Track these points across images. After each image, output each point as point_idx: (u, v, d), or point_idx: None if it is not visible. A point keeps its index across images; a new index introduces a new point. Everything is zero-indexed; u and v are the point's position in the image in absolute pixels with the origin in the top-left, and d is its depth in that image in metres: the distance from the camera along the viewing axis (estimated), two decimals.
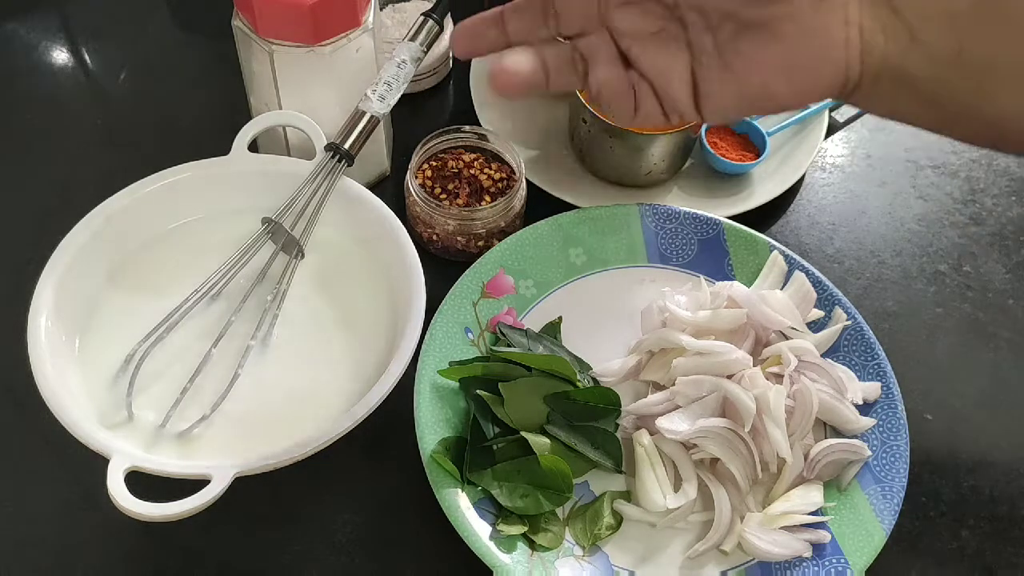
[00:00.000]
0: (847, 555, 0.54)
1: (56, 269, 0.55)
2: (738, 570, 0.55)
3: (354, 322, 0.59)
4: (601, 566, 0.55)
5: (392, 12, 0.77)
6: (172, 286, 0.58)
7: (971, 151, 0.79)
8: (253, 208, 0.60)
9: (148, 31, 0.83)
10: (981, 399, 0.64)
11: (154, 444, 0.53)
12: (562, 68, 0.42)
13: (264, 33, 0.60)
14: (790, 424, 0.57)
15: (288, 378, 0.57)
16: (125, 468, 0.48)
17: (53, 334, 0.54)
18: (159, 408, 0.54)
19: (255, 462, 0.50)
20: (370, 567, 0.56)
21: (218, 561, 0.56)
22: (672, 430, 0.57)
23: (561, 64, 0.42)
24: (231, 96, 0.72)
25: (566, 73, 0.42)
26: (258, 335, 0.57)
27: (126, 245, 0.60)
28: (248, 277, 0.59)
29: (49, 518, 0.57)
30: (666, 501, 0.56)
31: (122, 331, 0.56)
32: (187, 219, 0.62)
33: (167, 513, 0.47)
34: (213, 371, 0.55)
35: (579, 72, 0.42)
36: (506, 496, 0.55)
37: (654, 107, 0.43)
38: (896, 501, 0.56)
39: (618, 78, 0.42)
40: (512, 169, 0.68)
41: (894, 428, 0.58)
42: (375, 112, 0.62)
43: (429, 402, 0.57)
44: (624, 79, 0.42)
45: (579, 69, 0.42)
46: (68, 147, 0.74)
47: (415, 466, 0.56)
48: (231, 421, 0.54)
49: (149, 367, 0.54)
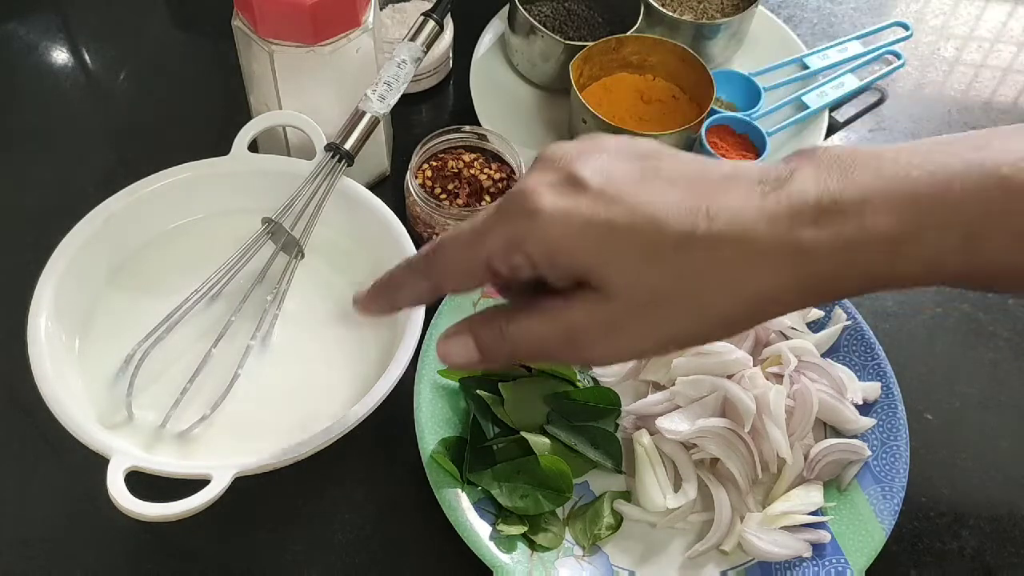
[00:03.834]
0: (847, 555, 0.54)
1: (56, 269, 0.55)
2: (738, 570, 0.55)
3: (354, 322, 0.59)
4: (601, 566, 0.55)
5: (392, 12, 0.77)
6: (172, 286, 0.58)
7: None
8: (253, 208, 0.60)
9: (148, 31, 0.83)
10: (981, 399, 0.64)
11: (154, 444, 0.53)
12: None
13: (264, 33, 0.60)
14: (790, 424, 0.57)
15: (288, 378, 0.57)
16: (125, 468, 0.48)
17: (53, 334, 0.54)
18: (159, 408, 0.54)
19: (255, 462, 0.50)
20: (370, 567, 0.56)
21: (217, 561, 0.56)
22: (672, 430, 0.57)
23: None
24: (231, 96, 0.72)
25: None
26: (258, 335, 0.57)
27: (126, 245, 0.60)
28: (248, 277, 0.59)
29: (49, 518, 0.57)
30: (666, 501, 0.56)
31: (122, 331, 0.56)
32: (187, 219, 0.62)
33: (167, 513, 0.47)
34: (213, 371, 0.55)
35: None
36: (506, 496, 0.55)
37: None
38: (896, 501, 0.56)
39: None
40: (512, 169, 0.68)
41: (894, 428, 0.58)
42: (375, 112, 0.62)
43: (429, 402, 0.57)
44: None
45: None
46: (68, 147, 0.74)
47: (415, 466, 0.56)
48: (231, 421, 0.54)
49: (149, 367, 0.54)
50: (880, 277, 0.37)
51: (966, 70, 0.86)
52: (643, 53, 0.74)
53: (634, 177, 0.39)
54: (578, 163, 0.39)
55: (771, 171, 0.38)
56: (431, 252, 0.43)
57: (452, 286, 0.43)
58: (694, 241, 0.37)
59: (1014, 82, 0.85)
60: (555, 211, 0.38)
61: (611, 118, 0.69)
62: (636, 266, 0.37)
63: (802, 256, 0.36)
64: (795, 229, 0.36)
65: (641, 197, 0.38)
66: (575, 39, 0.76)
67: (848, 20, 0.88)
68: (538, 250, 0.39)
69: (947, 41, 0.88)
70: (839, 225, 0.36)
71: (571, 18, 0.78)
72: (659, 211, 0.37)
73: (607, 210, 0.38)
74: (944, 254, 0.36)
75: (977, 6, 0.92)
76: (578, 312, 0.39)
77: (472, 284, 0.43)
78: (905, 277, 0.37)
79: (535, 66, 0.77)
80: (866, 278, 0.37)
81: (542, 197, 0.39)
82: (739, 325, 0.39)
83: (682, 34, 0.76)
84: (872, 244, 0.36)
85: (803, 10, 0.89)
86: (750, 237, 0.36)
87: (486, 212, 0.41)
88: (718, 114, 0.75)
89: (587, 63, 0.72)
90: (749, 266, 0.37)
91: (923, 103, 0.82)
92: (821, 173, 0.37)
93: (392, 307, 0.46)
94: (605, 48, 0.73)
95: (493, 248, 0.40)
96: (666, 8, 0.78)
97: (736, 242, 0.36)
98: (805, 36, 0.85)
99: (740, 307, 0.38)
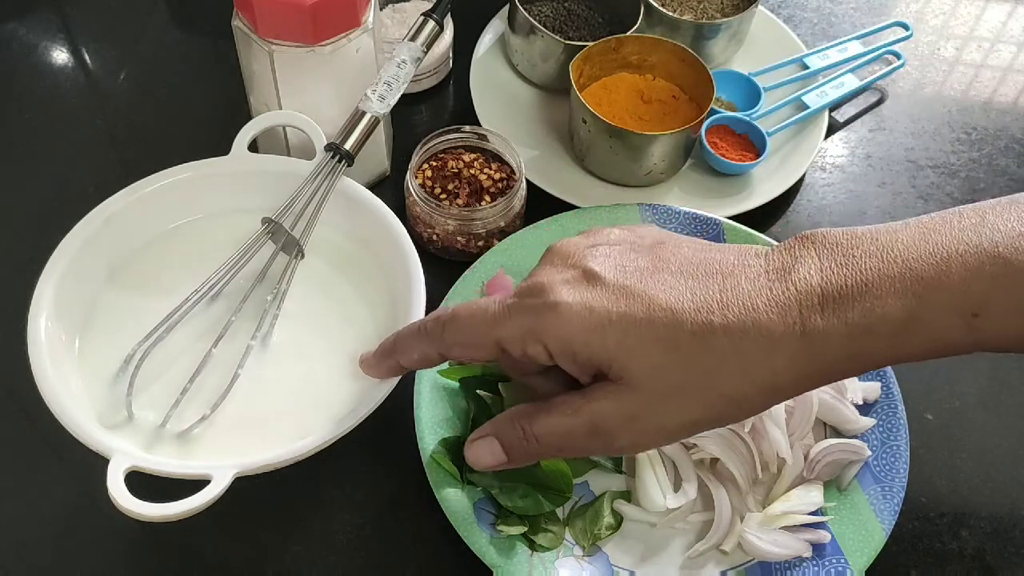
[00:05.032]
0: (847, 555, 0.54)
1: (56, 269, 0.55)
2: (738, 570, 0.55)
3: (354, 322, 0.59)
4: (601, 566, 0.55)
5: (392, 12, 0.77)
6: (172, 286, 0.58)
7: (971, 151, 0.79)
8: (253, 208, 0.60)
9: (148, 31, 0.83)
10: (981, 399, 0.64)
11: (154, 444, 0.53)
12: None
13: (264, 33, 0.60)
14: (790, 424, 0.57)
15: (288, 378, 0.56)
16: (125, 468, 0.48)
17: (53, 334, 0.54)
18: (159, 408, 0.54)
19: (256, 462, 0.50)
20: (370, 567, 0.56)
21: (217, 562, 0.56)
22: None
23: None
24: (231, 96, 0.72)
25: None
26: (258, 335, 0.57)
27: (126, 245, 0.60)
28: (248, 277, 0.59)
29: (48, 518, 0.57)
30: (666, 501, 0.56)
31: (122, 331, 0.56)
32: (187, 219, 0.62)
33: (167, 513, 0.47)
34: (213, 371, 0.55)
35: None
36: (506, 496, 0.55)
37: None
38: (896, 501, 0.56)
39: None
40: (512, 169, 0.68)
41: (894, 428, 0.58)
42: (375, 112, 0.62)
43: (429, 402, 0.57)
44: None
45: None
46: (68, 147, 0.74)
47: (415, 466, 0.56)
48: (231, 421, 0.54)
49: (149, 367, 0.54)
50: (888, 356, 0.38)
51: (966, 70, 0.86)
52: (643, 53, 0.74)
53: (647, 269, 0.40)
54: (590, 259, 0.41)
55: (775, 259, 0.40)
56: (445, 321, 0.44)
57: (459, 355, 0.45)
58: (711, 331, 0.38)
59: (1014, 82, 0.85)
60: (574, 305, 0.40)
61: (611, 118, 0.69)
62: (656, 356, 0.39)
63: (812, 343, 0.38)
64: (804, 317, 0.38)
65: (656, 289, 0.39)
66: (575, 39, 0.76)
67: (848, 20, 0.88)
68: (558, 343, 0.40)
69: (947, 41, 0.88)
70: (845, 312, 0.37)
71: (571, 18, 0.78)
72: (675, 303, 0.39)
73: (625, 304, 0.39)
74: (947, 331, 0.37)
75: (977, 6, 0.92)
76: (600, 404, 0.41)
77: (480, 357, 0.44)
78: (911, 355, 0.38)
79: (535, 66, 0.77)
80: (873, 359, 0.38)
81: (561, 292, 0.40)
82: (756, 409, 0.40)
83: (682, 34, 0.76)
84: (878, 327, 0.37)
85: (803, 10, 0.89)
86: (764, 326, 0.38)
87: (503, 298, 0.42)
88: (718, 114, 0.75)
89: (587, 63, 0.72)
90: (764, 354, 0.38)
91: (923, 103, 0.82)
92: (823, 260, 0.39)
93: (398, 369, 0.48)
94: (605, 48, 0.73)
95: (509, 335, 0.41)
96: (666, 8, 0.78)
97: (751, 331, 0.38)
98: (805, 36, 0.86)
99: (757, 393, 0.39)
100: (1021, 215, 0.38)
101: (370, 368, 0.49)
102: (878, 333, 0.37)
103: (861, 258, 0.38)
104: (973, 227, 0.38)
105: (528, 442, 0.43)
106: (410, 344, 0.47)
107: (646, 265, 0.41)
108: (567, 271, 0.42)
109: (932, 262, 0.37)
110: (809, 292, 0.38)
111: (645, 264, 0.41)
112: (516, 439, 0.43)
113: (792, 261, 0.39)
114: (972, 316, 0.37)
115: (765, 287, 0.38)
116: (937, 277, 0.37)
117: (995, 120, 0.81)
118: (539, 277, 0.42)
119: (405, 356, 0.47)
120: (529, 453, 0.44)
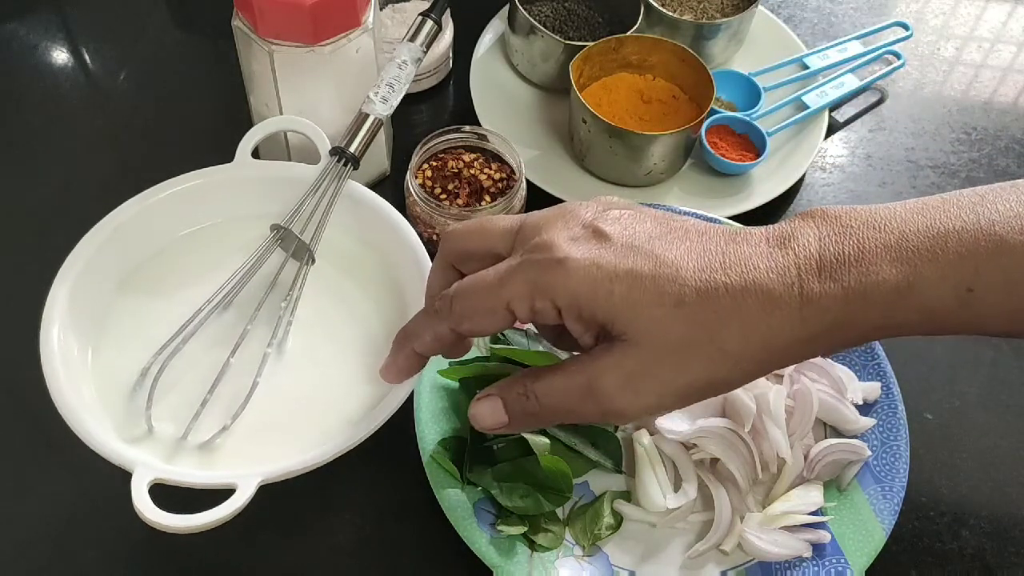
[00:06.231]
0: (847, 555, 0.54)
1: (66, 281, 0.54)
2: (738, 570, 0.55)
3: (365, 324, 0.58)
4: (601, 566, 0.55)
5: (392, 12, 0.77)
6: (183, 295, 0.57)
7: (971, 151, 0.79)
8: (260, 214, 0.60)
9: (148, 31, 0.83)
10: (981, 399, 0.64)
11: (173, 455, 0.52)
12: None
13: (264, 33, 0.60)
14: (790, 424, 0.57)
15: (304, 384, 0.56)
16: (149, 481, 0.47)
17: (65, 346, 0.53)
18: (177, 419, 0.53)
19: (280, 469, 0.49)
20: (371, 567, 0.56)
21: (219, 565, 0.56)
22: (672, 430, 0.57)
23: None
24: (231, 96, 0.72)
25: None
26: (274, 342, 0.56)
27: (135, 254, 0.59)
28: (260, 285, 0.58)
29: (48, 520, 0.57)
30: (666, 501, 0.56)
31: (135, 342, 0.55)
32: (196, 227, 0.61)
33: (194, 524, 0.46)
34: (229, 380, 0.54)
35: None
36: (506, 496, 0.55)
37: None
38: (896, 501, 0.56)
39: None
40: (512, 169, 0.68)
41: (894, 428, 0.59)
42: (378, 114, 0.62)
43: (429, 402, 0.57)
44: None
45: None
46: (68, 148, 0.74)
47: (415, 466, 0.56)
48: (248, 429, 0.53)
49: (165, 378, 0.53)
50: (882, 326, 0.39)
51: (966, 70, 0.86)
52: (643, 53, 0.74)
53: (654, 233, 0.41)
54: (599, 219, 0.42)
55: (775, 230, 0.41)
56: (452, 295, 0.44)
57: (470, 326, 0.44)
58: (715, 288, 0.39)
59: (1014, 82, 0.85)
60: (582, 260, 0.40)
61: (611, 118, 0.69)
62: (660, 311, 0.39)
63: (810, 307, 0.38)
64: (802, 281, 0.39)
65: (662, 249, 0.40)
66: (575, 39, 0.76)
67: (848, 20, 0.88)
68: (564, 298, 0.41)
69: (947, 41, 0.88)
70: (841, 276, 0.38)
71: (571, 18, 0.78)
72: (680, 261, 0.40)
73: (632, 261, 0.40)
74: (940, 302, 0.38)
75: (977, 6, 0.92)
76: (600, 362, 0.41)
77: (491, 325, 0.44)
78: (904, 325, 0.39)
79: (535, 66, 0.77)
80: (869, 326, 0.39)
81: (568, 248, 0.41)
82: (753, 373, 0.41)
83: (682, 34, 0.76)
84: (872, 293, 0.38)
85: (803, 10, 0.89)
86: (764, 285, 0.39)
87: (508, 261, 0.43)
88: (718, 114, 0.75)
89: (587, 63, 0.72)
90: (766, 314, 0.39)
91: (923, 103, 0.83)
92: (822, 230, 0.40)
93: (415, 359, 0.47)
94: (605, 48, 0.73)
95: (516, 292, 0.42)
96: (666, 8, 0.78)
97: (752, 289, 0.39)
98: (805, 36, 0.86)
99: (756, 353, 0.40)
100: (1020, 197, 0.39)
101: (388, 368, 0.49)
102: (872, 300, 0.38)
103: (859, 228, 0.39)
104: (971, 206, 0.39)
105: (528, 399, 0.43)
106: (422, 327, 0.46)
107: (653, 229, 0.42)
108: (576, 228, 0.42)
109: (928, 235, 0.38)
110: (808, 257, 0.39)
111: (652, 228, 0.42)
112: (517, 395, 0.43)
113: (792, 231, 0.40)
114: (966, 291, 0.38)
115: (765, 252, 0.40)
116: (932, 250, 0.38)
117: (995, 120, 0.82)
118: (546, 235, 0.42)
119: (419, 341, 0.46)
120: (527, 412, 0.43)
